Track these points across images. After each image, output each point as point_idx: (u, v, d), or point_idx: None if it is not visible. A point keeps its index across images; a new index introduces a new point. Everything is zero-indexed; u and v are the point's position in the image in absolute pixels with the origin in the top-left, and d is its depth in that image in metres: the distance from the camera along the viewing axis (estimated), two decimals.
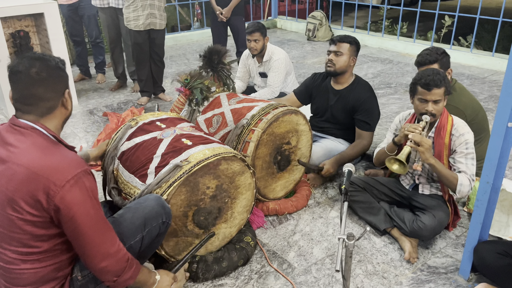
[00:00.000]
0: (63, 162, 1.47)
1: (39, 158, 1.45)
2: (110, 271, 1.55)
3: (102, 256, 1.52)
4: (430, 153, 2.27)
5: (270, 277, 2.25)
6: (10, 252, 1.50)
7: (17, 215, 1.45)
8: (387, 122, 4.03)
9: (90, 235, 1.49)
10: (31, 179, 1.42)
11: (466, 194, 2.29)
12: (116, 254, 1.55)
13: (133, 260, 1.63)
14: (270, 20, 8.36)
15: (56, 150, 1.51)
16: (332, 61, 3.01)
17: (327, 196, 2.96)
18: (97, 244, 1.50)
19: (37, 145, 1.48)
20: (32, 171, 1.43)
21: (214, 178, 2.14)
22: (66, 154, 1.52)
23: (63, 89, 1.59)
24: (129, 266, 1.60)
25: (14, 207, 1.44)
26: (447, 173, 2.30)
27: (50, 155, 1.48)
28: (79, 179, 1.46)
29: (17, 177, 1.43)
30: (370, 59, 6.20)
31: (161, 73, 4.66)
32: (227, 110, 2.74)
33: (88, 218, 1.48)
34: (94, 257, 1.51)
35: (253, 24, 3.86)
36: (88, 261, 1.53)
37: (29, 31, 4.20)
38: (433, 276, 2.24)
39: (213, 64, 2.97)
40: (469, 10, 7.17)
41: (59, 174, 1.43)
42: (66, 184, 1.43)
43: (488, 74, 5.43)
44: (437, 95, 2.30)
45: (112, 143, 2.39)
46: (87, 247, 1.50)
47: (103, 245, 1.52)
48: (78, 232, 1.48)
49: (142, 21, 4.14)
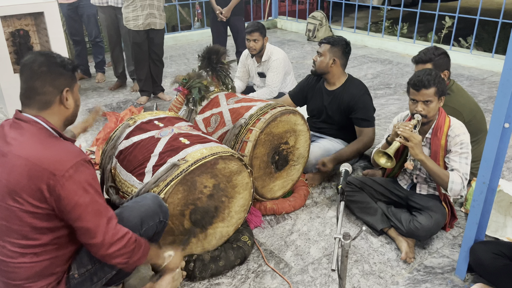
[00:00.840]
0: (61, 153, 1.51)
1: (38, 149, 1.49)
2: (119, 254, 1.57)
3: (109, 242, 1.53)
4: (419, 149, 2.28)
5: (267, 277, 2.25)
6: (9, 245, 1.52)
7: (19, 206, 1.47)
8: (386, 123, 4.04)
9: (95, 220, 1.51)
10: (31, 170, 1.45)
11: (458, 192, 2.30)
12: (122, 238, 1.57)
13: (140, 240, 1.66)
14: (271, 20, 8.37)
15: (54, 141, 1.55)
16: (314, 62, 3.11)
17: (325, 196, 2.97)
18: (102, 231, 1.52)
19: (36, 137, 1.52)
20: (32, 162, 1.46)
21: (211, 177, 2.14)
22: (64, 145, 1.56)
23: (62, 86, 1.60)
24: (138, 246, 1.63)
25: (15, 198, 1.47)
26: (437, 170, 2.30)
27: (48, 146, 1.51)
28: (77, 169, 1.49)
29: (17, 168, 1.46)
30: (370, 59, 6.20)
31: (160, 72, 4.67)
32: (225, 109, 2.75)
33: (89, 205, 1.50)
34: (101, 245, 1.53)
35: (253, 24, 3.87)
36: (96, 250, 1.54)
37: (29, 30, 4.20)
38: (429, 276, 2.25)
39: (212, 64, 2.98)
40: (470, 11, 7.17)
41: (58, 164, 1.47)
42: (66, 173, 1.46)
43: (488, 75, 5.43)
44: (426, 95, 2.31)
45: (110, 142, 2.40)
46: (93, 236, 1.51)
47: (108, 232, 1.53)
48: (82, 221, 1.50)
49: (141, 21, 4.15)
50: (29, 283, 1.56)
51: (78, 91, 1.70)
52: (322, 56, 3.04)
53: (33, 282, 1.56)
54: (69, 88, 1.62)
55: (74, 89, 1.66)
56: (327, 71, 3.06)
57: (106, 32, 4.79)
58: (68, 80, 1.62)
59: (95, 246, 1.54)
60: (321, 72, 3.08)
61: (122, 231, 1.58)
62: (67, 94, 1.62)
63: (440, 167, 2.33)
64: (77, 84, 1.69)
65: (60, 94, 1.60)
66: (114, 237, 1.54)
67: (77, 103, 1.69)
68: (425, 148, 2.47)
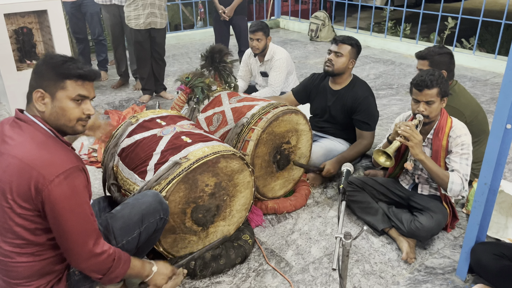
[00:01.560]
0: (55, 157, 1.48)
1: (33, 150, 1.47)
2: (94, 270, 1.55)
3: (86, 255, 1.51)
4: (419, 148, 2.29)
5: (268, 275, 2.26)
6: (5, 245, 1.52)
7: (9, 206, 1.46)
8: (388, 123, 4.04)
9: (73, 233, 1.48)
10: (23, 171, 1.43)
11: (458, 193, 2.30)
12: (100, 255, 1.54)
13: (120, 260, 1.61)
14: (273, 20, 8.36)
15: (51, 144, 1.52)
16: (332, 61, 3.02)
17: (326, 196, 2.97)
18: (80, 243, 1.49)
19: (33, 138, 1.50)
20: (25, 163, 1.44)
21: (213, 175, 2.15)
22: (60, 149, 1.52)
23: (37, 86, 1.53)
24: (115, 266, 1.59)
25: (6, 198, 1.46)
26: (437, 170, 2.30)
27: (44, 148, 1.48)
28: (68, 176, 1.46)
29: (11, 168, 1.45)
30: (373, 60, 6.20)
31: (162, 71, 4.67)
32: (228, 108, 2.75)
33: (72, 215, 1.47)
34: (78, 256, 1.51)
35: (257, 23, 3.87)
36: (72, 260, 1.53)
37: (32, 28, 4.21)
38: (430, 277, 2.25)
39: (215, 63, 2.98)
40: (472, 12, 7.16)
41: (50, 168, 1.44)
42: (56, 179, 1.43)
43: (490, 77, 5.42)
44: (428, 96, 2.31)
45: (113, 140, 2.40)
46: (71, 246, 1.49)
47: (86, 245, 1.50)
48: (62, 229, 1.48)
49: (142, 20, 4.16)
50: (30, 282, 1.56)
51: (68, 99, 1.55)
52: (342, 57, 2.99)
53: (33, 280, 1.56)
54: (44, 90, 1.52)
55: (57, 95, 1.53)
56: (344, 72, 3.04)
57: (110, 30, 4.80)
58: (48, 82, 1.52)
59: (72, 256, 1.52)
60: (339, 73, 3.03)
61: (101, 248, 1.54)
62: (42, 95, 1.53)
63: (440, 168, 2.33)
64: (63, 91, 1.54)
65: (32, 93, 1.54)
66: (91, 252, 1.51)
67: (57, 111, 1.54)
68: (426, 149, 2.47)
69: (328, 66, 3.04)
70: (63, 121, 1.57)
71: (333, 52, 3.02)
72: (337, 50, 3.01)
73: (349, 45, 3.00)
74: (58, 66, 1.53)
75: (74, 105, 1.57)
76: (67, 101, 1.55)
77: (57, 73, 1.53)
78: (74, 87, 1.55)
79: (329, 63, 3.04)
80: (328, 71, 3.05)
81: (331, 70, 3.03)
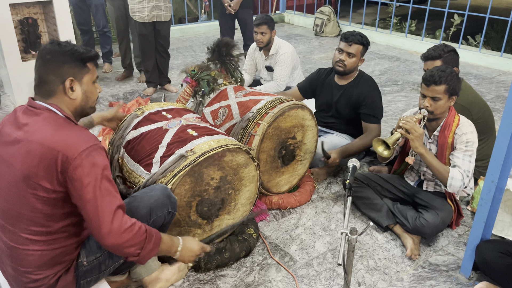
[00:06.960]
0: (75, 137, 1.50)
1: (51, 133, 1.49)
2: (132, 244, 1.51)
3: (117, 230, 1.48)
4: (420, 142, 2.28)
5: (272, 270, 2.26)
6: (20, 231, 1.53)
7: (33, 191, 1.47)
8: (392, 120, 4.02)
9: (101, 209, 1.46)
10: (45, 154, 1.45)
11: (458, 189, 2.29)
12: (132, 227, 1.51)
13: (151, 230, 1.60)
14: (278, 14, 8.33)
15: (68, 126, 1.54)
16: (344, 62, 2.98)
17: (331, 191, 2.97)
18: (108, 220, 1.47)
19: (50, 123, 1.52)
20: (47, 146, 1.46)
21: (218, 169, 2.15)
22: (78, 130, 1.55)
23: (65, 75, 1.56)
24: (149, 237, 1.57)
25: (30, 183, 1.47)
26: (437, 165, 2.30)
27: (62, 130, 1.51)
28: (90, 153, 1.48)
29: (32, 153, 1.46)
30: (378, 56, 6.17)
31: (166, 64, 4.66)
32: (234, 102, 2.75)
33: (98, 191, 1.47)
34: (108, 234, 1.47)
35: (261, 16, 3.85)
36: (104, 239, 1.48)
37: (37, 19, 4.20)
38: (434, 273, 2.25)
39: (221, 57, 2.97)
40: (479, 9, 7.12)
41: (72, 147, 1.46)
42: (78, 156, 1.45)
43: (496, 74, 5.40)
44: (435, 92, 2.30)
45: (118, 132, 2.40)
46: (100, 224, 1.46)
47: (116, 220, 1.48)
48: (89, 207, 1.46)
49: (146, 13, 4.14)
50: (39, 271, 1.56)
51: (91, 82, 1.65)
52: (354, 57, 2.97)
53: (43, 270, 1.57)
54: (73, 78, 1.57)
55: (83, 80, 1.61)
56: (354, 70, 3.05)
57: (115, 23, 4.79)
58: (74, 70, 1.57)
59: (102, 236, 1.47)
60: (350, 72, 3.03)
61: (130, 221, 1.53)
62: (72, 84, 1.58)
63: (440, 162, 2.33)
64: (88, 75, 1.63)
65: (63, 84, 1.56)
66: (122, 227, 1.48)
67: (87, 95, 1.63)
68: (432, 145, 2.47)
69: (340, 67, 3.01)
70: (90, 103, 1.67)
71: (345, 52, 2.99)
72: (349, 51, 2.97)
73: (360, 44, 2.98)
74: (75, 52, 1.58)
75: (94, 86, 1.68)
76: (91, 84, 1.66)
77: (78, 59, 1.59)
78: (93, 69, 1.67)
79: (341, 64, 3.00)
80: (340, 71, 3.03)
81: (343, 71, 3.02)
